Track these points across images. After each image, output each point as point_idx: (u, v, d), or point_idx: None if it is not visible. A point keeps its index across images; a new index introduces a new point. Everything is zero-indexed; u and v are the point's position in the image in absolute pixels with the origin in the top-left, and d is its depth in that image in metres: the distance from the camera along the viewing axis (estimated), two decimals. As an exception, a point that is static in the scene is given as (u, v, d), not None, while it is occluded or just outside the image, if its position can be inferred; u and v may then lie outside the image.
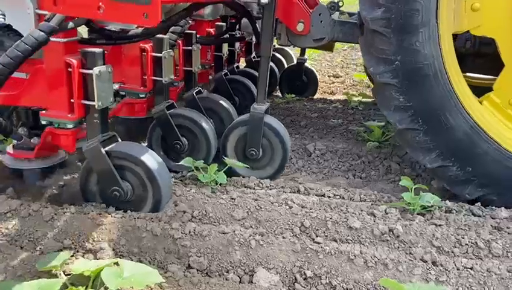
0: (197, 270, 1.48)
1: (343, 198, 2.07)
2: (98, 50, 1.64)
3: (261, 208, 1.80)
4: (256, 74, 3.42)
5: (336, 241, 1.66)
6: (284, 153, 2.24)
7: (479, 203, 2.07)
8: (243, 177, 2.20)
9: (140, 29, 1.91)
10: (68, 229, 1.60)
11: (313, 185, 2.20)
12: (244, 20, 3.26)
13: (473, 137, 1.96)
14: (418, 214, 1.88)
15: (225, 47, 3.17)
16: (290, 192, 2.11)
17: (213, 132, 2.31)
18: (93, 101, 1.63)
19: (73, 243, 1.56)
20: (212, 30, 3.06)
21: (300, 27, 2.51)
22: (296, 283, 1.45)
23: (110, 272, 1.22)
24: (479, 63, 3.07)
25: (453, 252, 1.62)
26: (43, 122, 1.73)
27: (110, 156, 1.69)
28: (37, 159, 1.93)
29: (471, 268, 1.49)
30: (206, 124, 2.29)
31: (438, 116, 1.96)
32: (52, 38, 1.54)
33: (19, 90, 1.75)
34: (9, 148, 1.93)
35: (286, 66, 4.48)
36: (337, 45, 4.55)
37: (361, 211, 1.86)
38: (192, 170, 2.12)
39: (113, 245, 1.54)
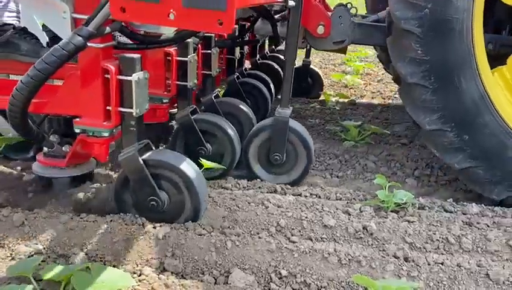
0: (172, 272, 1.47)
1: (320, 197, 2.09)
2: (136, 56, 1.58)
3: (238, 208, 1.81)
4: (264, 76, 3.44)
5: (311, 239, 1.68)
6: (308, 158, 2.22)
7: (450, 199, 2.12)
8: (220, 179, 2.19)
9: (172, 33, 1.82)
10: (39, 234, 1.57)
11: (289, 185, 2.21)
12: (258, 23, 3.20)
13: (503, 139, 1.99)
14: (391, 211, 1.91)
15: (237, 50, 3.11)
16: (267, 192, 2.11)
17: (237, 138, 2.27)
18: (131, 108, 1.57)
19: (44, 248, 1.53)
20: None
21: (320, 30, 2.46)
22: (271, 283, 1.46)
23: (80, 277, 1.21)
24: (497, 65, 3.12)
25: (424, 248, 1.66)
26: (77, 131, 1.66)
27: (147, 164, 1.62)
28: (68, 167, 1.86)
29: (441, 263, 1.53)
30: (231, 130, 2.26)
31: (469, 115, 1.98)
32: (88, 44, 1.48)
33: (52, 97, 1.68)
34: (40, 156, 1.86)
35: None
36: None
37: (337, 209, 1.88)
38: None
39: (86, 250, 1.52)
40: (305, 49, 4.08)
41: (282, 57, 4.52)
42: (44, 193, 1.94)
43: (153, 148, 1.73)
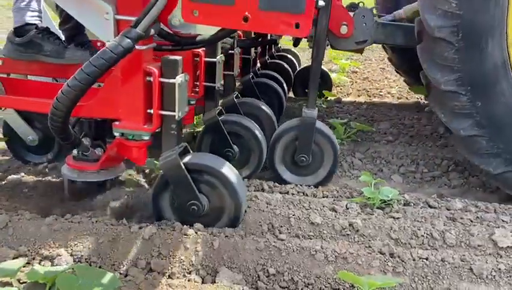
0: (159, 272, 1.46)
1: (307, 195, 2.10)
2: (179, 58, 1.54)
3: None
4: (277, 75, 3.40)
5: (298, 237, 1.68)
6: (334, 158, 2.19)
7: (435, 195, 2.15)
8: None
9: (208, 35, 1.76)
10: (23, 235, 1.55)
11: (277, 183, 2.22)
12: None
13: None
14: (377, 208, 1.93)
15: (252, 50, 3.05)
16: (255, 190, 2.12)
17: (264, 139, 2.25)
18: (173, 111, 1.54)
19: (29, 250, 1.51)
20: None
21: (343, 30, 2.43)
22: (258, 281, 1.46)
23: (65, 278, 1.20)
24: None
25: (409, 243, 1.68)
26: (116, 134, 1.62)
27: (188, 168, 1.59)
28: (99, 170, 1.81)
29: (426, 259, 1.55)
30: (259, 131, 2.24)
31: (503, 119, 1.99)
32: None
33: (90, 100, 1.63)
34: (70, 160, 1.80)
35: (297, 67, 4.43)
36: (304, 44, 4.59)
37: (323, 207, 1.89)
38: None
39: (71, 251, 1.50)
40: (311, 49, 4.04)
41: (289, 56, 4.50)
42: (76, 198, 1.92)
43: (190, 151, 1.70)
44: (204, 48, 2.08)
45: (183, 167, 1.58)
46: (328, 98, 4.08)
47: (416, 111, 3.73)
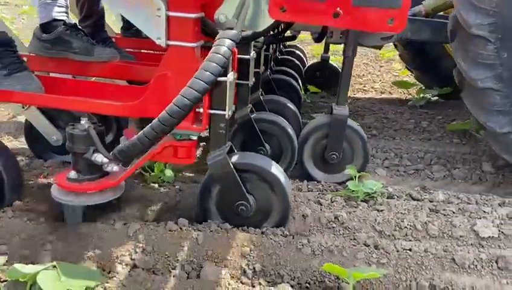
0: (143, 269, 1.44)
1: (292, 189, 2.10)
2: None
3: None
4: (292, 71, 3.35)
5: (284, 231, 1.68)
6: (365, 156, 2.17)
7: (418, 188, 2.17)
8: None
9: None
10: (4, 234, 1.52)
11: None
12: None
13: None
14: (362, 201, 1.94)
15: (271, 46, 3.00)
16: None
17: (296, 137, 2.21)
18: (224, 110, 1.51)
19: (9, 248, 1.47)
20: None
21: None
22: (244, 276, 1.46)
23: (46, 276, 1.17)
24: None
25: (393, 235, 1.69)
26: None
27: (236, 168, 1.56)
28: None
29: (409, 250, 1.56)
30: (291, 130, 2.20)
31: None
32: (182, 43, 1.41)
33: (138, 100, 1.58)
34: (64, 182, 1.62)
35: (306, 62, 4.38)
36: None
37: (309, 200, 1.90)
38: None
39: (52, 249, 1.47)
40: (324, 44, 3.97)
41: (297, 51, 4.46)
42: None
43: (235, 150, 1.68)
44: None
45: (232, 166, 1.55)
46: (313, 93, 4.09)
47: (399, 105, 3.77)
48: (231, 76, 1.51)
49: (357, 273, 1.29)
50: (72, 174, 1.58)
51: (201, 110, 1.51)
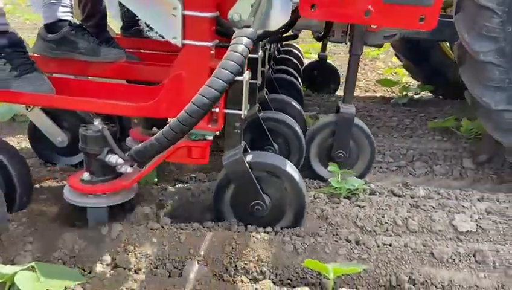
0: (124, 268, 1.44)
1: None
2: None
3: (193, 198, 1.80)
4: (292, 70, 3.34)
5: (267, 229, 1.69)
6: (371, 154, 2.18)
7: (399, 184, 2.20)
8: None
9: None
10: (-18, 236, 1.50)
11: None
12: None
13: None
14: (344, 197, 1.96)
15: (272, 45, 2.97)
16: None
17: (303, 136, 2.20)
18: (240, 109, 1.50)
19: (-13, 250, 1.46)
20: None
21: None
22: (226, 273, 1.46)
23: (25, 276, 1.16)
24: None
25: (374, 231, 1.71)
26: None
27: (251, 167, 1.56)
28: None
29: (390, 245, 1.58)
30: (299, 128, 2.19)
31: None
32: (197, 43, 1.39)
33: (152, 100, 1.55)
34: (78, 184, 1.63)
35: (303, 61, 4.38)
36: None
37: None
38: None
39: (33, 250, 1.46)
40: (321, 43, 3.96)
41: (294, 50, 4.43)
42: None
43: (248, 150, 1.66)
44: None
45: (247, 166, 1.55)
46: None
47: (383, 103, 3.81)
48: (247, 75, 1.51)
49: (337, 268, 1.30)
50: (86, 175, 1.57)
51: (216, 109, 1.51)
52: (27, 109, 1.96)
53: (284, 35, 2.86)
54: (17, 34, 1.76)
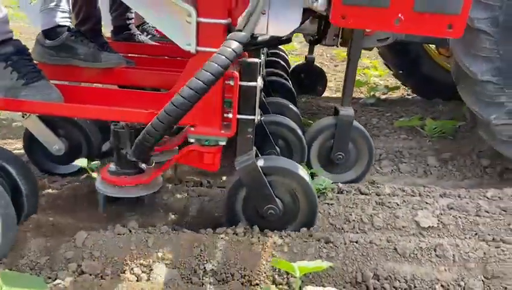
0: (90, 274, 1.42)
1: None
2: (257, 60, 1.52)
3: (163, 201, 1.79)
4: (282, 72, 3.28)
5: (235, 230, 1.70)
6: (370, 156, 2.22)
7: (367, 183, 2.25)
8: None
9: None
10: None
11: (215, 177, 2.22)
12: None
13: None
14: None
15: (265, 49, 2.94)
16: (193, 186, 2.11)
17: (304, 139, 2.20)
18: (253, 115, 1.52)
19: None
20: None
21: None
22: (194, 276, 1.46)
23: (-14, 286, 1.13)
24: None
25: (342, 228, 1.75)
26: (191, 140, 1.57)
27: (264, 172, 1.58)
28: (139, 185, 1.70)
29: (356, 242, 1.62)
30: (300, 131, 2.19)
31: None
32: (206, 48, 1.40)
33: (159, 106, 1.48)
34: (105, 174, 1.71)
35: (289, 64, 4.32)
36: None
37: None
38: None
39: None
40: (309, 45, 3.93)
41: (281, 53, 4.35)
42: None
43: (259, 154, 1.67)
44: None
45: (260, 171, 1.57)
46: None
47: (351, 103, 3.87)
48: (260, 81, 1.53)
49: (302, 267, 1.33)
50: (112, 167, 1.70)
51: (230, 115, 1.53)
52: (23, 117, 1.92)
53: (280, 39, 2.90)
54: (20, 41, 1.73)
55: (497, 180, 2.44)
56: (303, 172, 1.66)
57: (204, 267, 1.48)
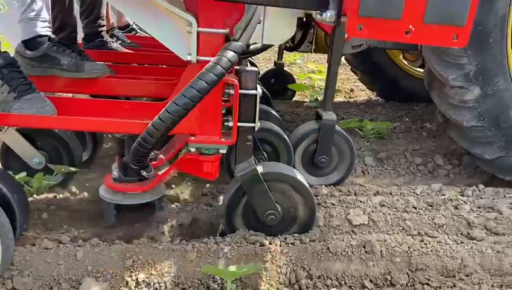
0: (18, 292, 1.36)
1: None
2: (255, 69, 1.56)
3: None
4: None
5: (171, 238, 1.69)
6: (351, 158, 2.26)
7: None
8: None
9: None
10: None
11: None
12: None
13: None
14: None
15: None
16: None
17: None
18: (253, 122, 1.56)
19: None
20: None
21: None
22: (126, 288, 1.44)
23: None
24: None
25: (279, 230, 1.78)
26: (192, 150, 1.60)
27: (264, 178, 1.61)
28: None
29: (292, 243, 1.65)
30: (286, 136, 2.17)
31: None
32: (209, 58, 1.38)
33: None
34: (109, 181, 1.69)
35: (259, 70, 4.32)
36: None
37: (199, 204, 1.92)
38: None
39: None
40: (278, 51, 4.00)
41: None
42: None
43: (256, 161, 1.69)
44: None
45: (261, 177, 1.59)
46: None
47: (295, 107, 3.96)
48: (260, 89, 1.56)
49: (233, 271, 1.34)
50: (115, 173, 1.69)
51: (230, 123, 1.57)
52: (0, 130, 1.82)
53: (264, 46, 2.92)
54: (9, 53, 1.66)
55: (428, 177, 2.58)
56: (300, 176, 1.71)
57: (137, 278, 1.46)
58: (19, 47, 1.93)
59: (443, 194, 2.16)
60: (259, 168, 1.65)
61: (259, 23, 1.50)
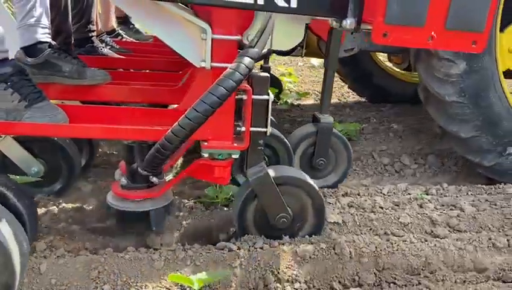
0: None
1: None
2: (267, 74, 1.56)
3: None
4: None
5: (137, 247, 1.66)
6: (348, 161, 2.29)
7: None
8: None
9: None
10: None
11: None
12: None
13: None
14: (222, 205, 2.01)
15: None
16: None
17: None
18: (265, 127, 1.58)
19: None
20: None
21: None
22: (92, 299, 1.41)
23: None
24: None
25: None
26: (205, 155, 1.60)
27: (275, 182, 1.63)
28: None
29: (261, 248, 1.65)
30: (286, 139, 2.15)
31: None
32: (223, 65, 1.40)
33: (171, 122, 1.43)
34: (116, 188, 1.67)
35: None
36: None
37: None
38: None
39: None
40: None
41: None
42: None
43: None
44: None
45: (273, 181, 1.62)
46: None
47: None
48: (272, 94, 1.58)
49: (200, 279, 1.33)
50: (123, 181, 1.67)
51: (243, 128, 1.58)
52: None
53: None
54: (16, 61, 1.62)
55: (395, 177, 2.64)
56: (309, 179, 1.72)
57: (102, 289, 1.43)
58: (18, 54, 1.89)
59: (409, 194, 2.21)
60: (271, 172, 1.67)
61: None
